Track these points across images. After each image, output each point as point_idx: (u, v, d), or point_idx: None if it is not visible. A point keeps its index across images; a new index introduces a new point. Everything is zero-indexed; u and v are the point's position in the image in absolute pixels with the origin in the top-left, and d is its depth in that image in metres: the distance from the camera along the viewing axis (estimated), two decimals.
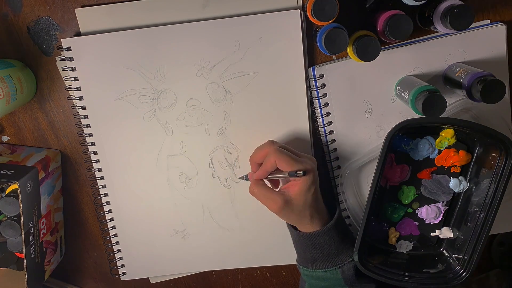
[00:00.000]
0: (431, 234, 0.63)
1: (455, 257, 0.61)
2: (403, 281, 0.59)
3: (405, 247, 0.64)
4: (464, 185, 0.60)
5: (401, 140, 0.60)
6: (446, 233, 0.62)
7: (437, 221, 0.63)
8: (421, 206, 0.63)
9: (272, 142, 0.57)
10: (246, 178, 0.61)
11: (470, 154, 0.60)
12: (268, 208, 0.56)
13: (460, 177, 0.61)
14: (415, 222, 0.64)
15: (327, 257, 0.57)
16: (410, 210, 0.63)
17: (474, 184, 0.59)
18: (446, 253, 0.63)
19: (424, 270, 0.61)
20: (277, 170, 0.56)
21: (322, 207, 0.57)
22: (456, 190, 0.61)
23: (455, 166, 0.61)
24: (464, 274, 0.58)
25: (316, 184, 0.55)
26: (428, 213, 0.62)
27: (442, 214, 0.63)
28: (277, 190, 0.56)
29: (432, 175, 0.61)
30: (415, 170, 0.61)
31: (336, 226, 0.57)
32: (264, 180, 0.58)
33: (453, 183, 0.61)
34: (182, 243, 0.66)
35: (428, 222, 0.63)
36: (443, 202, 0.62)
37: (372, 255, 0.61)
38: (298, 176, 0.52)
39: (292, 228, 0.59)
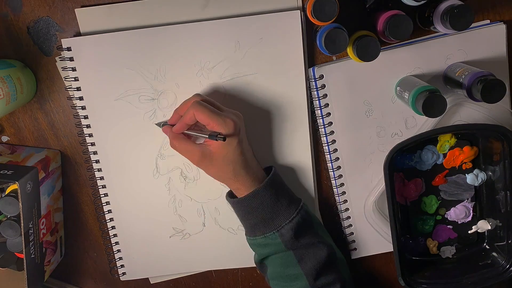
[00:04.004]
0: (469, 232, 0.64)
1: (501, 245, 0.61)
2: (458, 286, 0.60)
3: (449, 252, 0.65)
4: (482, 176, 0.61)
5: (403, 158, 0.61)
6: (483, 226, 0.63)
7: (469, 219, 0.64)
8: (448, 209, 0.64)
9: (196, 95, 0.56)
10: (161, 125, 0.59)
11: (475, 146, 0.60)
12: (190, 161, 0.56)
13: (475, 171, 0.61)
14: (448, 226, 0.65)
15: (263, 222, 0.56)
16: (439, 217, 0.64)
17: (491, 171, 0.60)
18: (491, 244, 0.63)
19: (480, 263, 0.62)
20: (198, 128, 0.55)
21: (253, 166, 0.57)
22: (476, 184, 0.62)
23: (465, 162, 0.61)
24: None
25: (239, 138, 0.54)
26: (457, 214, 0.63)
27: (471, 210, 0.63)
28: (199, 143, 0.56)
29: (447, 178, 0.62)
30: (428, 180, 0.62)
31: (268, 187, 0.56)
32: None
33: (470, 178, 0.62)
34: (182, 243, 0.66)
35: (461, 222, 0.64)
36: (467, 199, 0.63)
37: (419, 271, 0.63)
38: (217, 140, 0.50)
39: (229, 197, 0.59)
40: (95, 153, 0.62)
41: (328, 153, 0.62)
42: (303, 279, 0.56)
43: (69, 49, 0.58)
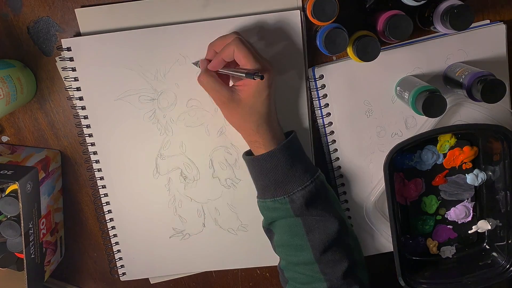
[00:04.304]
0: (469, 232, 0.64)
1: (501, 245, 0.62)
2: (458, 286, 0.60)
3: (449, 252, 0.65)
4: (482, 176, 0.61)
5: (403, 157, 0.61)
6: (483, 226, 0.63)
7: (469, 219, 0.64)
8: (448, 209, 0.64)
9: (237, 33, 0.53)
10: (198, 64, 0.57)
11: (475, 146, 0.60)
12: (214, 101, 0.54)
13: (475, 171, 0.62)
14: (448, 226, 0.65)
15: (275, 185, 0.54)
16: (439, 217, 0.64)
17: (491, 171, 0.60)
18: (491, 244, 0.64)
19: (480, 263, 0.62)
20: (233, 66, 0.53)
21: (275, 125, 0.55)
22: (476, 184, 0.62)
23: (465, 162, 0.61)
24: None
25: (270, 91, 0.52)
26: (457, 214, 0.64)
27: (471, 210, 0.63)
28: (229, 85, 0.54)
29: (447, 178, 0.62)
30: (428, 180, 0.62)
31: (284, 150, 0.53)
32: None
33: (470, 178, 0.62)
34: (182, 244, 0.66)
35: (461, 222, 0.64)
36: (467, 199, 0.63)
37: (419, 271, 0.63)
38: (254, 79, 0.48)
39: (245, 155, 0.57)
40: (95, 153, 0.62)
41: (328, 153, 0.62)
42: (308, 251, 0.54)
43: (69, 49, 0.58)
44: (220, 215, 0.65)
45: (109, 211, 0.65)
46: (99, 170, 0.63)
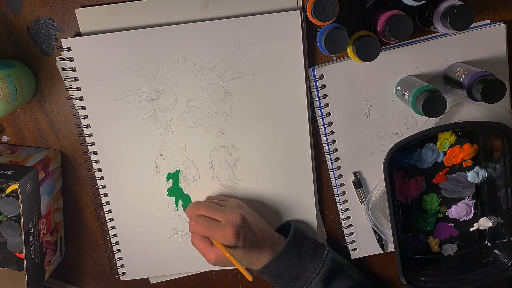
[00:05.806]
0: (471, 229, 0.64)
1: (503, 243, 0.62)
2: (460, 284, 0.61)
3: (451, 249, 0.65)
4: (483, 174, 0.61)
5: (403, 156, 0.61)
6: (484, 223, 0.63)
7: (470, 216, 0.64)
8: (449, 207, 0.64)
9: (193, 206, 0.58)
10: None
11: (476, 144, 0.60)
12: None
13: (475, 168, 0.62)
14: (449, 224, 0.65)
15: (292, 281, 0.58)
16: (440, 215, 0.64)
17: (492, 168, 0.61)
18: (493, 241, 0.64)
19: (482, 261, 0.62)
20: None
21: (266, 238, 0.57)
22: (477, 181, 0.62)
23: (466, 160, 0.61)
24: None
25: (245, 234, 0.55)
26: (458, 211, 0.64)
27: (472, 208, 0.63)
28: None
29: (447, 176, 0.62)
30: (429, 178, 0.62)
31: (288, 249, 0.57)
32: None
33: (470, 176, 0.62)
34: (182, 243, 0.66)
35: (462, 219, 0.64)
36: (468, 196, 0.63)
37: (421, 269, 0.63)
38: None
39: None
40: (95, 153, 0.62)
41: (328, 153, 0.62)
42: None
43: (69, 49, 0.58)
44: None
45: (109, 211, 0.65)
46: (99, 170, 0.63)
